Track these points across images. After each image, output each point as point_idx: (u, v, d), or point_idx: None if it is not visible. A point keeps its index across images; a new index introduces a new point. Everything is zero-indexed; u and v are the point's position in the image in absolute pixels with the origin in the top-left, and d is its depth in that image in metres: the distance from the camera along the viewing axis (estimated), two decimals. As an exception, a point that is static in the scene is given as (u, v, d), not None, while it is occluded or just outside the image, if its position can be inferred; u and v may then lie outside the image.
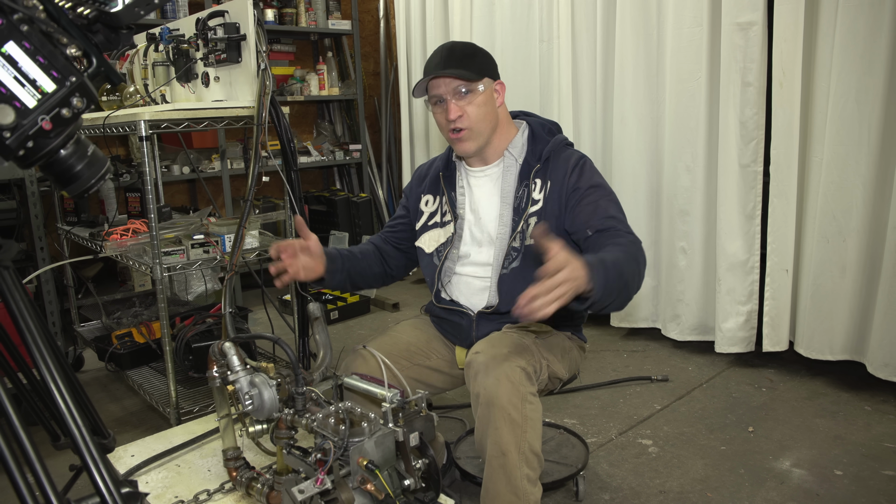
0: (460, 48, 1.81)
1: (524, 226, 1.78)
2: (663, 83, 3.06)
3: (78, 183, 0.97)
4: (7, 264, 1.03)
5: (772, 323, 2.84)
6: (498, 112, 1.83)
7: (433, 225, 1.93)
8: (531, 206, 1.79)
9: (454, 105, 1.76)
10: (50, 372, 0.97)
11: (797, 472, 2.16)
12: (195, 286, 3.77)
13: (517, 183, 1.83)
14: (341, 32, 4.98)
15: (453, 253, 1.88)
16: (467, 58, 1.78)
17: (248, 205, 2.36)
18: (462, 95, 1.76)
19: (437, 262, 1.89)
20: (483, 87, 1.77)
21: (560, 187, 1.76)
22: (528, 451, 1.57)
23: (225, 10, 2.54)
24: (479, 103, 1.77)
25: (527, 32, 3.55)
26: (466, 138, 1.79)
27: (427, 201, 1.97)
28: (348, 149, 5.10)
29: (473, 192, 1.89)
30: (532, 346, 1.70)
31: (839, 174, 2.58)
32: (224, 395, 1.61)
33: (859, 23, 2.43)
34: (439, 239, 1.91)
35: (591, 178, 1.77)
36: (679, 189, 3.08)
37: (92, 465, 0.94)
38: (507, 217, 1.81)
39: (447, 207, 1.91)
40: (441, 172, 1.95)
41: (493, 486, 1.57)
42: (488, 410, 1.55)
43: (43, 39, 0.87)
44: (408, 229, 2.00)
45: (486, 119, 1.79)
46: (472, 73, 1.75)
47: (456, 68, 1.74)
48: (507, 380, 1.56)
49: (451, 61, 1.75)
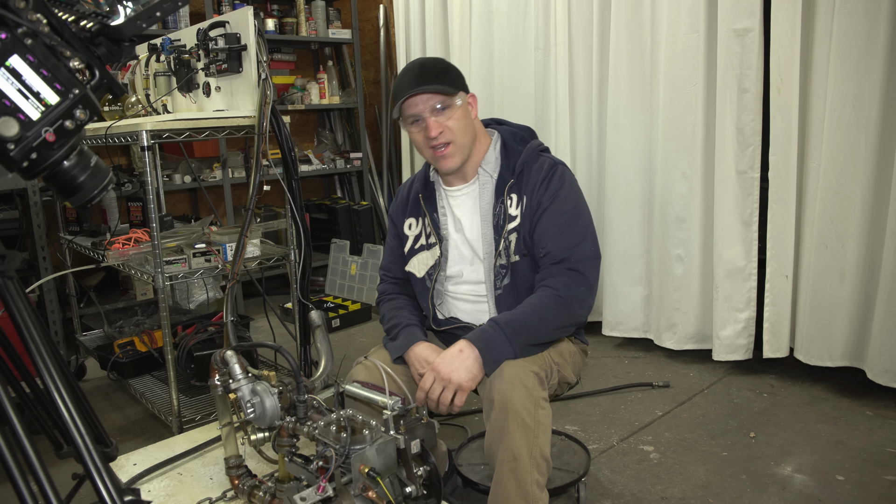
0: (432, 64, 1.79)
1: (505, 243, 1.78)
2: (658, 90, 3.05)
3: (81, 194, 0.97)
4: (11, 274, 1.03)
5: (772, 329, 2.83)
6: (474, 125, 1.82)
7: (420, 248, 1.92)
8: (509, 223, 1.78)
9: (434, 122, 1.73)
10: (53, 381, 0.98)
11: (799, 478, 2.16)
12: (197, 295, 3.78)
13: (493, 199, 1.82)
14: (342, 41, 5.01)
15: (441, 275, 1.88)
16: (441, 73, 1.76)
17: (249, 213, 2.37)
18: (440, 112, 1.74)
19: (428, 285, 1.88)
20: (460, 100, 1.76)
21: (531, 200, 1.77)
22: (539, 456, 1.57)
23: (226, 21, 2.55)
24: (459, 117, 1.75)
25: (523, 40, 3.57)
26: (451, 154, 1.76)
27: (410, 224, 1.95)
28: (349, 157, 5.12)
29: (454, 212, 1.88)
30: (543, 351, 1.72)
31: (837, 179, 2.58)
32: (226, 404, 1.61)
33: (855, 28, 2.44)
34: (428, 262, 1.89)
35: (556, 193, 1.76)
36: (675, 196, 3.06)
37: (95, 474, 0.94)
38: (490, 236, 1.81)
39: (430, 229, 1.89)
40: (420, 194, 1.92)
41: (503, 490, 1.57)
42: (502, 415, 1.56)
43: (46, 52, 0.88)
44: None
45: (466, 132, 1.78)
46: (449, 87, 1.73)
47: (431, 84, 1.72)
48: (521, 384, 1.57)
49: (426, 78, 1.73)
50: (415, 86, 1.72)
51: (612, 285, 3.34)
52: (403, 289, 1.98)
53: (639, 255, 3.27)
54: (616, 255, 3.31)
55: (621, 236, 3.28)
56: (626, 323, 3.34)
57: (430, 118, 1.73)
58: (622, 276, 3.31)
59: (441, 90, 1.72)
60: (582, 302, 1.72)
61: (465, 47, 3.94)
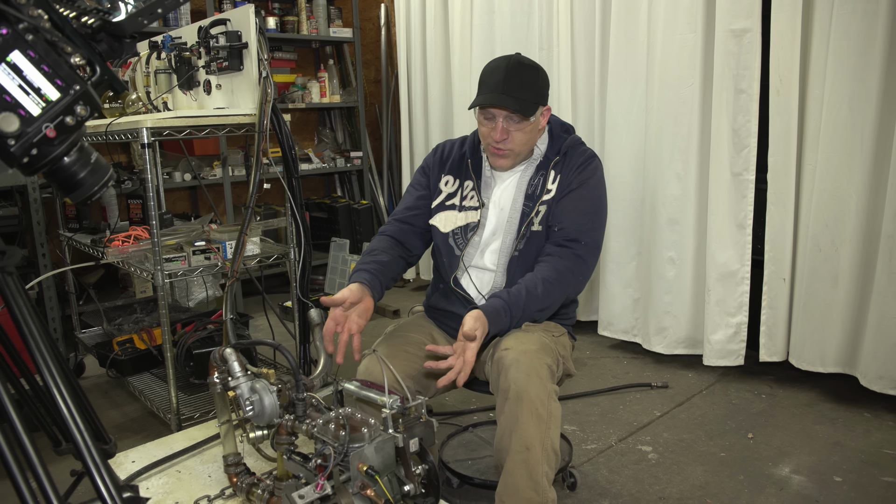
0: (523, 72, 1.79)
1: (535, 212, 1.84)
2: (653, 90, 3.03)
3: (81, 190, 0.98)
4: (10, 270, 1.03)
5: (769, 333, 2.82)
6: (538, 132, 1.88)
7: (450, 206, 1.95)
8: (545, 195, 1.85)
9: (503, 127, 1.79)
10: (52, 377, 0.98)
11: (797, 479, 2.16)
12: (196, 293, 3.78)
13: (535, 173, 1.89)
14: (342, 40, 5.00)
15: (475, 240, 1.90)
16: (528, 84, 1.78)
17: (249, 211, 2.37)
18: (514, 122, 1.79)
19: (453, 244, 1.91)
20: (534, 117, 1.80)
21: (563, 179, 1.85)
22: (551, 448, 1.59)
23: (227, 19, 2.55)
24: (528, 131, 1.81)
25: (526, 41, 3.56)
26: (506, 156, 1.84)
27: (448, 181, 1.98)
28: (349, 156, 5.12)
29: (497, 183, 1.93)
30: (551, 344, 1.74)
31: (832, 182, 2.56)
32: (225, 401, 1.61)
33: (853, 30, 2.43)
34: (457, 222, 1.92)
35: (587, 180, 1.84)
36: (669, 198, 3.03)
37: (93, 471, 0.95)
38: (520, 202, 1.87)
39: (472, 193, 1.93)
40: (469, 158, 1.97)
41: (514, 480, 1.57)
42: (517, 405, 1.57)
43: (47, 48, 0.88)
44: (429, 210, 1.99)
45: (529, 143, 1.85)
46: (528, 107, 1.76)
47: (514, 97, 1.75)
48: (536, 376, 1.59)
49: (513, 85, 1.76)
50: (499, 91, 1.76)
51: (605, 286, 3.34)
52: (399, 231, 1.96)
53: (631, 256, 3.25)
54: (608, 256, 3.30)
55: (615, 237, 3.27)
56: (616, 324, 3.34)
57: (501, 122, 1.79)
58: (614, 277, 3.30)
59: (520, 111, 1.75)
60: (577, 289, 1.83)
61: (465, 47, 3.94)
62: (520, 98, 1.76)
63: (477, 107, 1.83)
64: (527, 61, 1.82)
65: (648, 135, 3.09)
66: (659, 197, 3.07)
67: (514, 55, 1.84)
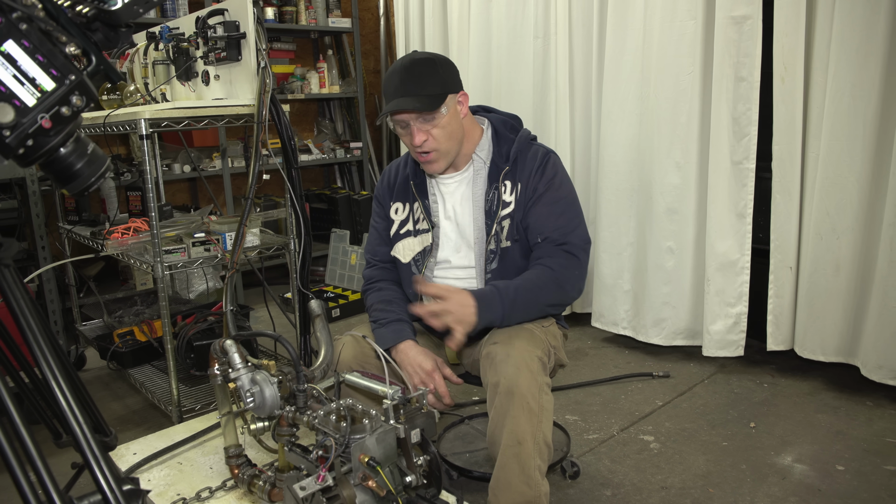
0: (417, 69, 1.73)
1: (497, 228, 1.80)
2: (651, 77, 2.98)
3: (78, 181, 0.97)
4: (7, 262, 1.03)
5: (776, 321, 2.80)
6: (463, 123, 1.81)
7: (405, 233, 1.92)
8: (503, 209, 1.80)
9: (418, 130, 1.73)
10: (51, 370, 0.97)
11: (799, 468, 2.16)
12: (196, 284, 3.77)
13: (487, 185, 1.83)
14: (341, 30, 4.98)
15: (431, 262, 1.89)
16: (425, 78, 1.72)
17: (248, 203, 2.36)
18: (426, 121, 1.73)
19: (415, 271, 1.89)
20: (445, 108, 1.73)
21: (526, 187, 1.80)
22: (542, 441, 1.58)
23: (225, 9, 2.53)
24: (444, 124, 1.74)
25: (522, 29, 3.53)
26: (435, 159, 1.78)
27: (397, 209, 1.95)
28: (349, 146, 5.10)
29: (446, 200, 1.89)
30: (542, 335, 1.72)
31: (834, 170, 2.55)
32: (225, 393, 1.61)
33: (856, 17, 2.41)
34: (415, 248, 1.90)
35: (552, 181, 1.80)
36: (668, 187, 2.99)
37: (94, 463, 0.94)
38: (481, 221, 1.83)
39: (421, 215, 1.89)
40: (411, 181, 1.92)
41: (506, 475, 1.57)
42: (507, 399, 1.56)
43: (42, 38, 0.87)
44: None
45: (452, 137, 1.77)
46: (431, 101, 1.70)
47: (414, 96, 1.70)
48: (526, 369, 1.58)
49: (410, 86, 1.71)
50: (399, 95, 1.71)
51: (600, 277, 3.32)
52: (391, 274, 1.97)
53: (627, 246, 3.22)
54: (603, 246, 3.26)
55: (610, 227, 3.23)
56: (608, 316, 3.29)
57: (415, 126, 1.73)
58: (609, 268, 3.27)
59: (422, 108, 1.70)
60: (575, 284, 1.78)
61: (463, 36, 3.91)
62: (420, 94, 1.70)
63: (386, 120, 1.79)
64: (420, 56, 1.77)
65: (646, 123, 3.05)
66: (657, 186, 3.03)
67: (407, 56, 1.78)
